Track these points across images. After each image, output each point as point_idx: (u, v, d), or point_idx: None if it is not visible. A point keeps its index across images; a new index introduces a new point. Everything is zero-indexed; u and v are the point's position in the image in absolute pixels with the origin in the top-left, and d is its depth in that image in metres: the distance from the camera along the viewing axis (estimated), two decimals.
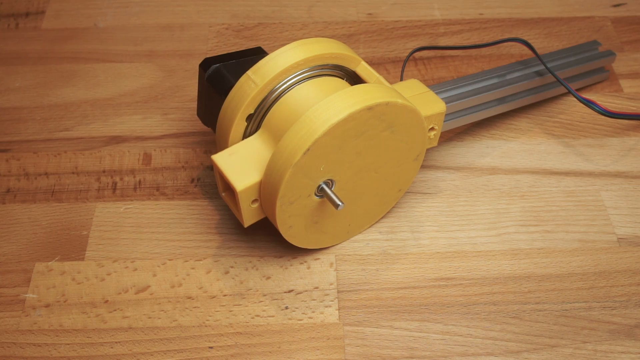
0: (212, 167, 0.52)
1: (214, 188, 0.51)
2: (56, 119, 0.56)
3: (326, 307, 0.45)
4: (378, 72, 0.57)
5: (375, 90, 0.43)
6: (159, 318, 0.45)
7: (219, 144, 0.46)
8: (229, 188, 0.43)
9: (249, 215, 0.44)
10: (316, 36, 0.57)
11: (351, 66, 0.46)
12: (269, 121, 0.44)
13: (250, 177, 0.43)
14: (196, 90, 0.51)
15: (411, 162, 0.47)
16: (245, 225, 0.45)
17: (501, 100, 0.53)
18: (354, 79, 0.47)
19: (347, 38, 0.61)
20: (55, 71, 0.60)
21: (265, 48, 0.49)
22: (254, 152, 0.44)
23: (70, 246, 0.48)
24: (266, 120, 0.44)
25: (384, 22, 0.63)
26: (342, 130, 0.41)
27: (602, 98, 0.56)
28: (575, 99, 0.55)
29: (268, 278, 0.47)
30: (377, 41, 0.61)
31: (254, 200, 0.44)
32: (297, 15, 0.63)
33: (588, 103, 0.51)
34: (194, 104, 0.56)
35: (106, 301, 0.46)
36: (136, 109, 0.56)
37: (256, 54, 0.47)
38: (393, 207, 0.49)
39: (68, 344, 0.44)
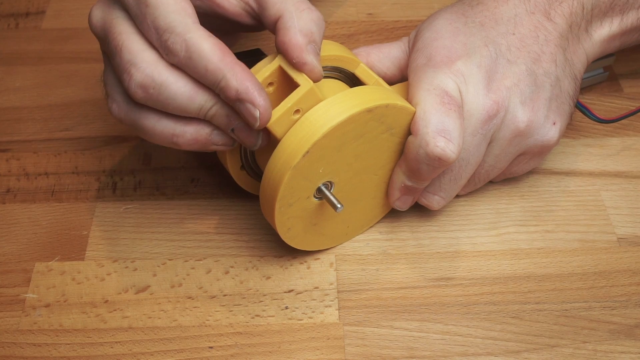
0: (212, 167, 0.52)
1: (214, 188, 0.51)
2: (56, 119, 0.56)
3: (326, 307, 0.45)
4: None
5: (374, 92, 0.43)
6: (159, 318, 0.45)
7: None
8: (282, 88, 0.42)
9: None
10: None
11: (350, 68, 0.46)
12: None
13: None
14: None
15: None
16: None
17: None
18: (353, 80, 0.47)
19: (347, 38, 0.62)
20: (55, 71, 0.60)
21: (265, 48, 0.49)
22: None
23: (70, 246, 0.48)
24: None
25: (384, 22, 0.63)
26: (341, 132, 0.41)
27: (602, 98, 0.56)
28: None
29: (268, 278, 0.47)
30: (377, 41, 0.61)
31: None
32: None
33: (582, 108, 0.51)
34: None
35: (106, 301, 0.46)
36: None
37: (255, 56, 0.47)
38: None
39: (68, 344, 0.44)
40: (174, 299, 0.46)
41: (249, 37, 0.60)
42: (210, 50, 0.39)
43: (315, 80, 0.41)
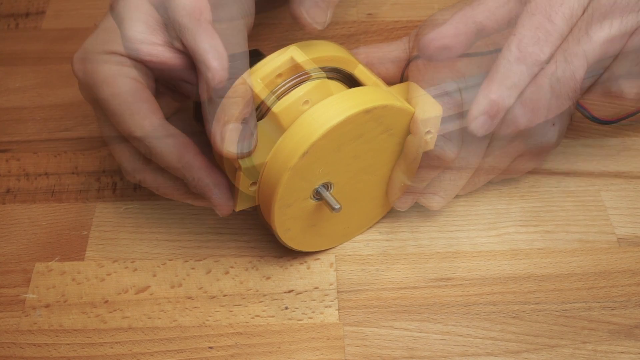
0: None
1: None
2: (56, 119, 0.56)
3: (326, 307, 0.45)
4: None
5: (372, 93, 0.43)
6: (159, 318, 0.45)
7: None
8: (233, 169, 0.43)
9: (243, 198, 0.43)
10: (316, 36, 0.57)
11: (349, 69, 0.46)
12: (268, 121, 0.44)
13: (256, 157, 0.42)
14: None
15: None
16: (237, 209, 0.44)
17: None
18: (352, 81, 0.47)
19: (347, 38, 0.61)
20: (55, 71, 0.60)
21: (264, 48, 0.49)
22: (263, 134, 0.43)
23: (70, 246, 0.48)
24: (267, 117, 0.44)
25: (384, 22, 0.63)
26: (339, 133, 0.41)
27: (602, 98, 0.56)
28: None
29: (268, 278, 0.47)
30: (377, 41, 0.61)
31: (253, 183, 0.43)
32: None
33: (581, 109, 0.51)
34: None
35: (106, 301, 0.46)
36: None
37: (253, 56, 0.47)
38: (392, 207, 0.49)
39: (68, 344, 0.44)
40: (174, 299, 0.46)
41: (248, 38, 0.60)
42: (168, 153, 0.43)
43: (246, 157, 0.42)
